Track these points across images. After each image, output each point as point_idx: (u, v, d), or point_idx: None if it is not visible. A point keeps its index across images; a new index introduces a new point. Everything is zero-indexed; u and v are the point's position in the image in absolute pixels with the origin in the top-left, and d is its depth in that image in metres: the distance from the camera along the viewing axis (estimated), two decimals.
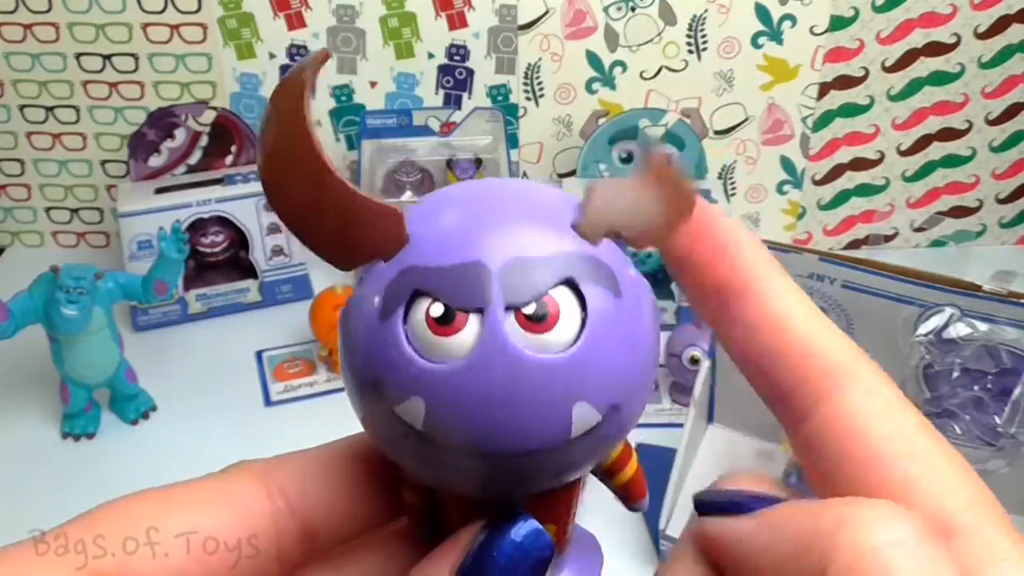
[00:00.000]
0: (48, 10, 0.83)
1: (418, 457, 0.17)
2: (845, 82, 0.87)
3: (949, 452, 0.17)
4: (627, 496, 0.20)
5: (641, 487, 0.20)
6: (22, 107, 0.88)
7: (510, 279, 0.16)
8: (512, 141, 0.89)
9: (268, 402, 0.74)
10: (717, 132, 0.89)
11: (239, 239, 0.84)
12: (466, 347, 0.16)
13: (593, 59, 0.86)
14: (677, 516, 0.59)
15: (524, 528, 0.17)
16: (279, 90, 0.17)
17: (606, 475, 0.19)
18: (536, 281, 0.16)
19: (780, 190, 0.92)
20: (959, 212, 0.94)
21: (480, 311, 0.16)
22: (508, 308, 0.16)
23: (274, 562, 0.18)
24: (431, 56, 0.86)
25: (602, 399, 0.16)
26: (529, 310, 0.16)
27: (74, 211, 0.93)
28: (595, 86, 0.87)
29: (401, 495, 0.19)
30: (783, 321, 0.18)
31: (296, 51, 0.86)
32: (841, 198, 0.93)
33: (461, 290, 0.16)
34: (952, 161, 0.91)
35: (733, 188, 0.92)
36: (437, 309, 0.16)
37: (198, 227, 0.82)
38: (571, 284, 0.16)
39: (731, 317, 0.18)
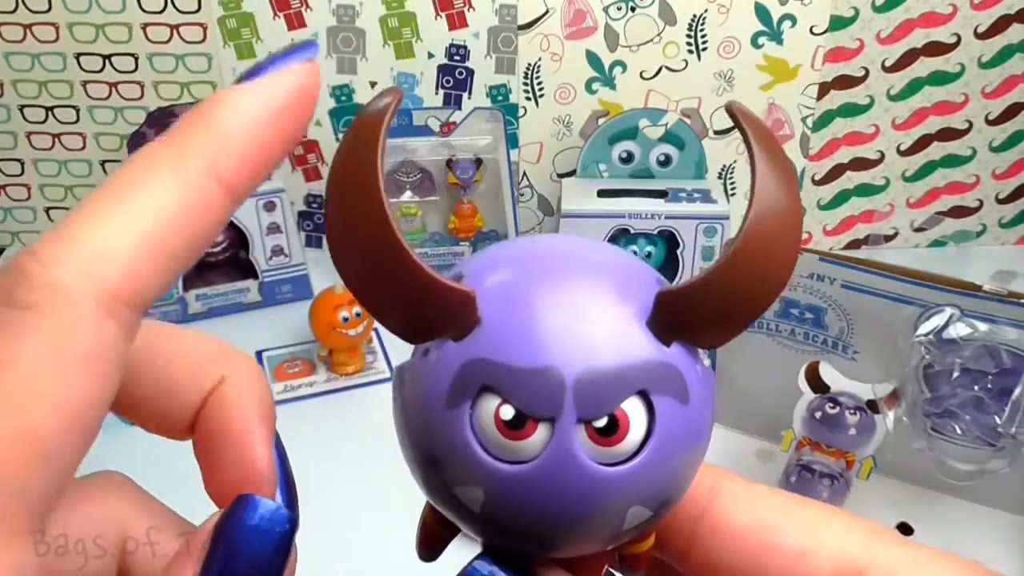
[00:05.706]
0: (48, 10, 0.83)
1: (467, 523, 0.17)
2: (845, 82, 0.87)
3: (827, 508, 0.19)
4: (628, 565, 0.20)
5: (644, 563, 0.20)
6: (22, 107, 0.88)
7: (584, 392, 0.15)
8: (512, 141, 0.89)
9: None
10: (717, 132, 0.89)
11: (239, 239, 0.84)
12: (533, 452, 0.16)
13: (593, 59, 0.86)
14: None
15: (261, 509, 0.17)
16: (349, 145, 0.16)
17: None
18: (609, 395, 0.16)
19: None
20: (959, 212, 0.94)
21: (551, 420, 0.16)
22: (579, 420, 0.16)
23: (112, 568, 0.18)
24: (431, 56, 0.86)
25: (657, 499, 0.17)
26: (600, 423, 0.16)
27: None
28: (595, 86, 0.87)
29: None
30: None
31: None
32: (841, 198, 0.93)
33: (534, 398, 0.15)
34: (952, 161, 0.91)
35: (733, 188, 0.92)
36: (507, 412, 0.16)
37: None
38: (643, 394, 0.16)
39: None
